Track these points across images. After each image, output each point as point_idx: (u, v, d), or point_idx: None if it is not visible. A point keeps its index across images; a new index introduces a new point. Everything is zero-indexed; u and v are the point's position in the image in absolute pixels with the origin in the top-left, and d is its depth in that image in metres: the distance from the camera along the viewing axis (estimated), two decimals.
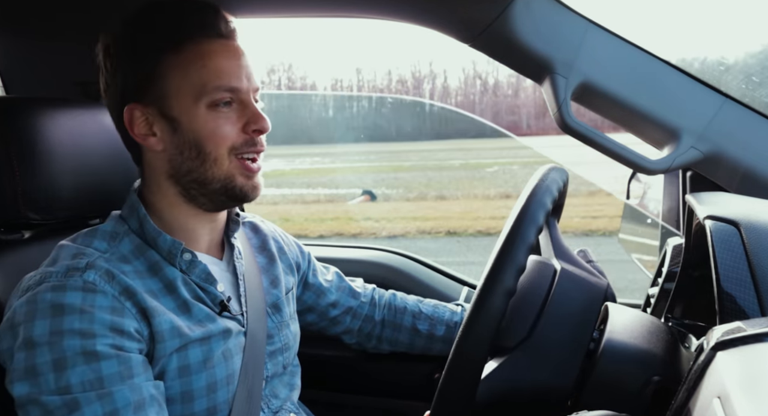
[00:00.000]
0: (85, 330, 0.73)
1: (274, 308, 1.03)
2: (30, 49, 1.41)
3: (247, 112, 0.86)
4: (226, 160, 0.86)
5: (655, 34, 1.23)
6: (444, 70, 31.45)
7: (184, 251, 0.88)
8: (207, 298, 0.89)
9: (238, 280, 0.98)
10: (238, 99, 0.86)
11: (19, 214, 0.98)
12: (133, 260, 0.85)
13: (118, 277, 0.80)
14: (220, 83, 0.84)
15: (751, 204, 0.92)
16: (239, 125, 0.86)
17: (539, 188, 0.76)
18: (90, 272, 0.78)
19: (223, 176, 0.86)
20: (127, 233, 0.88)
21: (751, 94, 1.16)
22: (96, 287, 0.77)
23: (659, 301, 1.08)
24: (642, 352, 0.74)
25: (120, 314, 0.77)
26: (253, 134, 0.87)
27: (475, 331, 0.68)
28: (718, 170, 1.11)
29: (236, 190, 0.88)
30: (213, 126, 0.84)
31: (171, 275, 0.86)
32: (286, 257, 1.13)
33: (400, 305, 1.25)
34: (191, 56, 0.84)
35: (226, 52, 0.86)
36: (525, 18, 1.10)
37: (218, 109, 0.84)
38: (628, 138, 1.19)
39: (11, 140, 0.96)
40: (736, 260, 0.72)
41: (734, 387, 0.44)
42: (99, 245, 0.85)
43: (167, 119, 0.85)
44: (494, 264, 0.70)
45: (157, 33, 0.84)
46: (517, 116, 29.28)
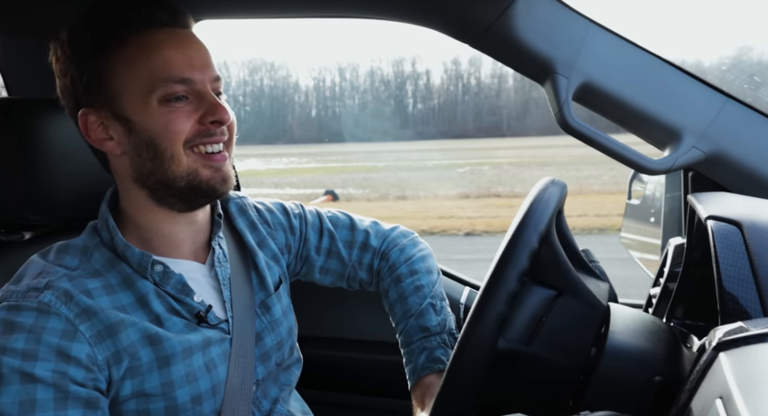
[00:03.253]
0: (29, 350, 0.71)
1: (264, 308, 0.99)
2: (30, 50, 1.41)
3: (204, 103, 0.80)
4: (183, 156, 0.80)
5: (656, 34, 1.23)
6: (427, 71, 31.38)
7: (155, 263, 0.84)
8: (183, 310, 0.86)
9: (221, 286, 0.93)
10: (192, 91, 0.80)
11: (19, 215, 0.98)
12: (105, 273, 0.82)
13: (76, 298, 0.76)
14: (168, 75, 0.78)
15: (752, 204, 0.92)
16: (195, 118, 0.80)
17: (542, 195, 0.75)
18: (47, 293, 0.75)
19: (185, 172, 0.81)
20: (98, 247, 0.84)
21: (752, 94, 1.16)
22: (50, 309, 0.74)
23: (661, 301, 1.07)
24: (644, 352, 0.74)
25: (70, 338, 0.74)
26: (210, 126, 0.81)
27: (476, 336, 0.68)
28: (719, 170, 1.11)
29: (203, 185, 0.82)
30: (165, 121, 0.79)
31: (143, 289, 0.83)
32: (269, 248, 1.05)
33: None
34: (135, 50, 0.79)
35: (172, 41, 0.80)
36: (526, 18, 1.10)
37: (171, 103, 0.79)
38: (630, 138, 1.19)
39: (12, 140, 0.96)
40: (738, 260, 0.72)
41: (736, 388, 0.44)
42: (70, 261, 0.82)
43: (121, 120, 0.80)
44: (496, 268, 0.69)
45: (98, 31, 0.80)
46: (498, 117, 29.40)
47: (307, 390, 1.18)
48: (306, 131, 17.04)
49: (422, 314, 1.04)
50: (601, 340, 0.75)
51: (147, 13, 0.80)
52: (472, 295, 1.54)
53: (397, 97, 28.64)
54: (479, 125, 25.97)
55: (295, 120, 34.84)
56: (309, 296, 1.45)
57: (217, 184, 0.83)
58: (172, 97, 0.79)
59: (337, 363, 1.56)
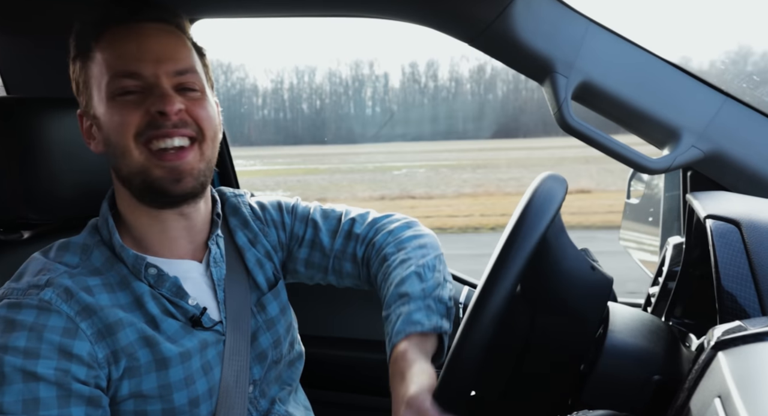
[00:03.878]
0: (30, 349, 0.71)
1: (259, 306, 0.98)
2: (30, 49, 1.41)
3: (153, 94, 0.78)
4: (134, 151, 0.79)
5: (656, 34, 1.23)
6: (385, 74, 31.31)
7: (149, 266, 0.84)
8: (178, 312, 0.85)
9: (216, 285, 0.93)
10: (144, 86, 0.79)
11: (18, 214, 0.98)
12: (105, 272, 0.82)
13: (77, 295, 0.76)
14: (116, 70, 0.79)
15: (751, 203, 0.92)
16: (143, 109, 0.79)
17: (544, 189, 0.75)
18: (48, 291, 0.75)
19: (136, 169, 0.80)
20: (97, 245, 0.85)
21: (751, 93, 1.16)
22: (51, 306, 0.74)
23: (660, 300, 1.08)
24: (643, 351, 0.74)
25: (72, 335, 0.74)
26: (159, 118, 0.78)
27: (473, 334, 0.68)
28: (718, 169, 1.11)
29: (155, 185, 0.80)
30: (114, 114, 0.79)
31: (138, 290, 0.83)
32: (262, 245, 1.02)
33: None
34: (101, 49, 0.81)
35: (125, 35, 0.80)
36: (525, 17, 1.10)
37: (120, 97, 0.79)
38: (630, 139, 1.19)
39: (11, 139, 0.96)
40: (736, 259, 0.72)
41: (734, 387, 0.44)
42: (71, 259, 0.82)
43: (93, 118, 0.84)
44: (495, 266, 0.69)
45: (81, 33, 0.84)
46: (454, 120, 29.78)
47: (307, 390, 1.18)
48: (262, 133, 17.07)
49: (402, 282, 0.90)
50: (600, 339, 0.75)
51: (113, 10, 0.82)
52: (470, 294, 1.54)
53: (355, 99, 28.64)
54: (436, 128, 26.21)
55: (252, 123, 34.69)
56: (309, 295, 1.45)
57: (168, 184, 0.80)
58: (121, 91, 0.79)
59: (338, 362, 1.55)
